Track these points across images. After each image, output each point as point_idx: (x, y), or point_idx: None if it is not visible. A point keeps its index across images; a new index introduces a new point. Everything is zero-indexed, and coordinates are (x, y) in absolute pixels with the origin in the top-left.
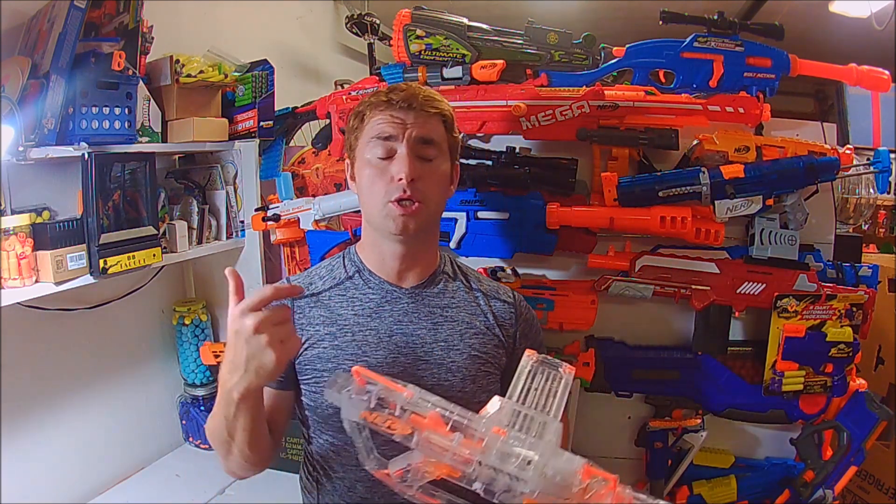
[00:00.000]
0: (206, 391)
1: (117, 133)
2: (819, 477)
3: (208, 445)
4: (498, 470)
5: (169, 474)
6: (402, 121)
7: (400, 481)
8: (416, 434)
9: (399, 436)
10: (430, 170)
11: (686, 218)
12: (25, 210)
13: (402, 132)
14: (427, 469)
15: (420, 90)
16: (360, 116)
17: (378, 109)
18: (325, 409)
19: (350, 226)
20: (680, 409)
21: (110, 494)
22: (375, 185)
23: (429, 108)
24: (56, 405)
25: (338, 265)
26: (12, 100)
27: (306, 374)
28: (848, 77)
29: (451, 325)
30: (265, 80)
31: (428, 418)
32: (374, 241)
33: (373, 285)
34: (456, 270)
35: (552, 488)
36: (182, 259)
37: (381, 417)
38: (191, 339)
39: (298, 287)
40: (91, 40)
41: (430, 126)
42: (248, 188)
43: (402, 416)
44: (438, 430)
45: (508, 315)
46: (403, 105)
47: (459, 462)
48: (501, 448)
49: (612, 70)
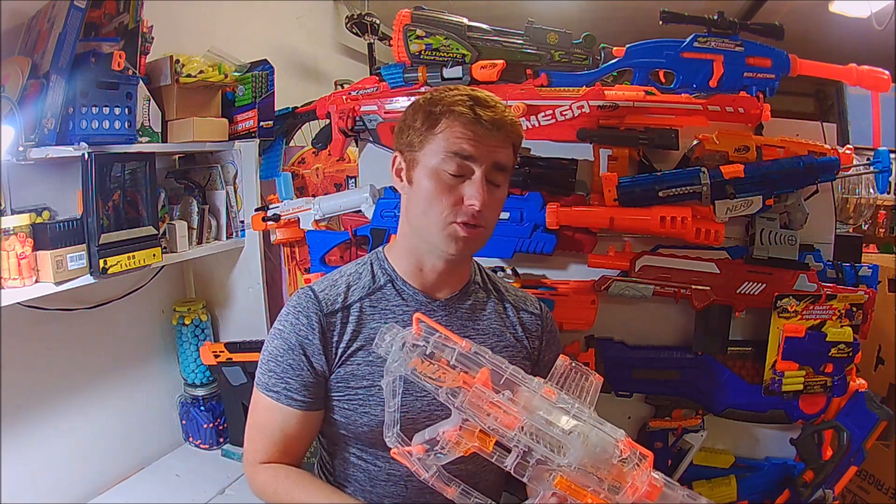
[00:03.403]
0: (206, 391)
1: (117, 133)
2: (819, 477)
3: (208, 445)
4: (539, 437)
5: (169, 474)
6: (486, 143)
7: (421, 459)
8: (463, 393)
9: (445, 390)
10: (497, 197)
11: (686, 218)
12: (25, 210)
13: (483, 156)
14: (459, 440)
15: (507, 113)
16: (433, 118)
17: (461, 122)
18: (358, 426)
19: (350, 226)
20: (680, 409)
21: (110, 494)
22: (440, 202)
23: (513, 135)
24: (56, 405)
25: (366, 272)
26: (12, 100)
27: (339, 392)
28: (848, 77)
29: (483, 339)
30: (265, 80)
31: (480, 374)
32: (414, 250)
33: (406, 296)
34: (486, 280)
35: (591, 459)
36: (182, 259)
37: (431, 367)
38: (191, 339)
39: None
40: (91, 40)
41: (507, 153)
42: (248, 188)
43: (455, 368)
44: (486, 388)
45: (535, 327)
46: (490, 127)
47: (502, 425)
48: (548, 411)
49: (612, 70)
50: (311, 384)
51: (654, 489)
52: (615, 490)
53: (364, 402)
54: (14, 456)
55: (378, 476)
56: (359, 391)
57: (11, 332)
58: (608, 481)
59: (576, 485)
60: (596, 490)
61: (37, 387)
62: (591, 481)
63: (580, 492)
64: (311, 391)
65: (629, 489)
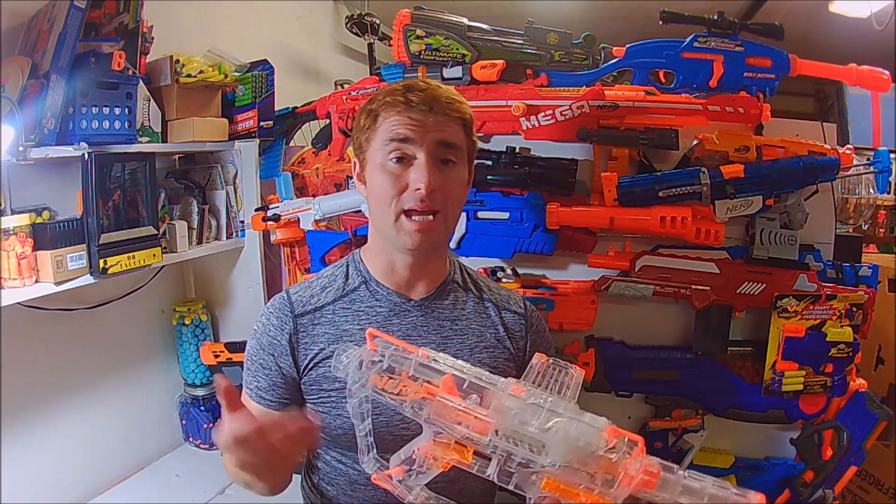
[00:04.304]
0: (206, 391)
1: (117, 133)
2: (819, 477)
3: (208, 445)
4: (516, 439)
5: (169, 474)
6: (422, 124)
7: (402, 481)
8: (428, 405)
9: (409, 405)
10: (449, 177)
11: (686, 218)
12: (25, 210)
13: (422, 136)
14: (435, 454)
15: (441, 91)
16: (373, 115)
17: (394, 110)
18: (333, 429)
19: (350, 226)
20: (680, 409)
21: (110, 494)
22: (389, 193)
23: (450, 112)
24: (56, 405)
25: (340, 274)
26: (12, 100)
27: (312, 394)
28: (848, 77)
29: (461, 339)
30: (265, 80)
31: (441, 382)
32: (382, 249)
33: (380, 297)
34: (466, 279)
35: (575, 454)
36: (182, 259)
37: (392, 382)
38: (191, 339)
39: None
40: (91, 40)
41: (450, 130)
42: (248, 188)
43: (417, 379)
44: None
45: (519, 327)
46: (423, 108)
47: (474, 432)
48: (521, 410)
49: (612, 70)
50: (279, 384)
51: (651, 476)
52: (610, 484)
53: (336, 405)
54: (14, 456)
55: (358, 480)
56: (331, 393)
57: (11, 332)
58: (600, 475)
59: (565, 485)
60: (589, 487)
61: (37, 387)
62: (582, 478)
63: (571, 491)
64: (279, 392)
65: (623, 480)
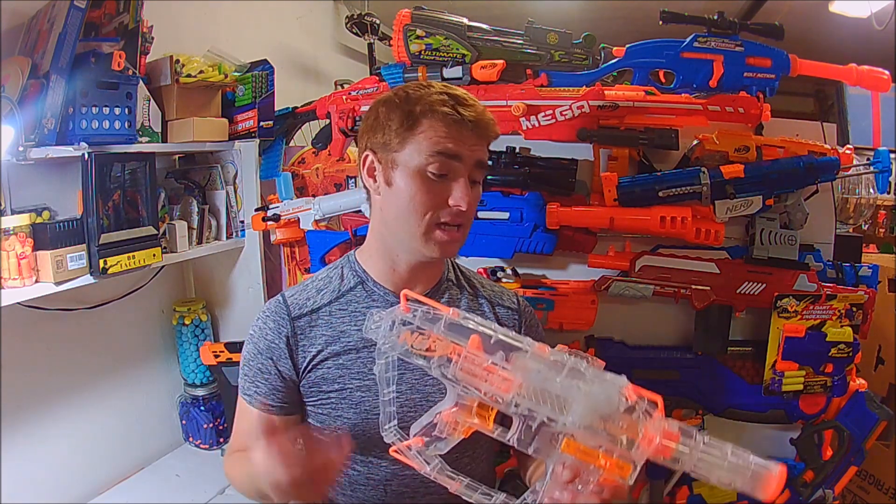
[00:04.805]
0: (206, 391)
1: (117, 133)
2: (819, 477)
3: (208, 445)
4: (539, 397)
5: (169, 474)
6: (469, 143)
7: (420, 452)
8: (454, 363)
9: (436, 361)
10: (475, 194)
11: (686, 218)
12: (25, 210)
13: (469, 156)
14: (457, 419)
15: (484, 110)
16: (412, 118)
17: (443, 122)
18: (332, 430)
19: (350, 226)
20: (680, 409)
21: (110, 494)
22: (425, 204)
23: (491, 134)
24: (56, 405)
25: (335, 275)
26: (12, 100)
27: (312, 397)
28: (848, 77)
29: None
30: (265, 80)
31: (469, 341)
32: (387, 250)
33: (377, 297)
34: (459, 276)
35: (598, 411)
36: (182, 259)
37: (421, 339)
38: (191, 339)
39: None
40: (91, 40)
41: (484, 150)
42: (248, 188)
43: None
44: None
45: (512, 322)
46: (472, 125)
47: (498, 389)
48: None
49: (612, 70)
50: (279, 388)
51: (670, 438)
52: (630, 445)
53: (336, 406)
54: (14, 456)
55: (357, 480)
56: (331, 395)
57: (11, 332)
58: (620, 436)
59: (586, 447)
60: (609, 449)
61: (37, 387)
62: (603, 439)
63: (591, 453)
64: (280, 396)
65: (642, 441)
